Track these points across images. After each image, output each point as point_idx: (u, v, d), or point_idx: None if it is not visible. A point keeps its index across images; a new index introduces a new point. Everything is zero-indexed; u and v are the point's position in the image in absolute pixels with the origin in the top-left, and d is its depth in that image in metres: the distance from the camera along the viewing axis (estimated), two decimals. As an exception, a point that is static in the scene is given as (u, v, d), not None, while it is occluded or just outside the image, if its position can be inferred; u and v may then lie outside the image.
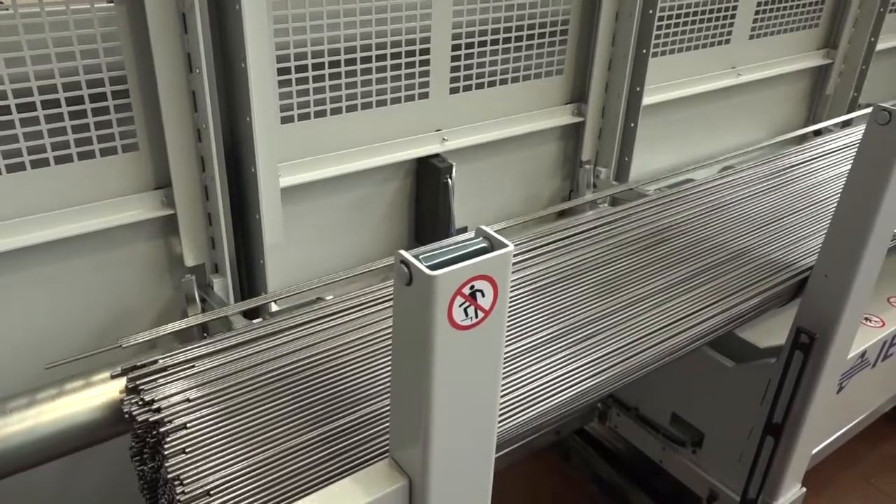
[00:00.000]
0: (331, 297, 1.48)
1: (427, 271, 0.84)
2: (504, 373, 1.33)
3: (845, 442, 2.33)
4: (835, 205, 1.59)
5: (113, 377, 1.19)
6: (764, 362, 1.86)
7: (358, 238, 1.83)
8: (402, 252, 0.88)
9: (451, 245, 0.93)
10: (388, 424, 1.14)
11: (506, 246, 0.91)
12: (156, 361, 1.19)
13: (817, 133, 2.92)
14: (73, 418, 1.19)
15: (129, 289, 1.53)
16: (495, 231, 0.92)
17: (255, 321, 1.37)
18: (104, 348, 1.31)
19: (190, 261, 1.52)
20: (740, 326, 1.67)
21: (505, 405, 1.27)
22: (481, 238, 0.94)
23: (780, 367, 1.77)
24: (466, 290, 0.88)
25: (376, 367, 1.26)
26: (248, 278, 1.62)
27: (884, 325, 2.20)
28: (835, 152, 2.31)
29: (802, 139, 2.94)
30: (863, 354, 2.11)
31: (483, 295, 0.90)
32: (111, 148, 1.40)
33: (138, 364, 1.18)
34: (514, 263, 1.59)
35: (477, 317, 0.91)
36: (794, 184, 2.08)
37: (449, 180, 1.79)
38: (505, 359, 1.36)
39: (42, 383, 1.25)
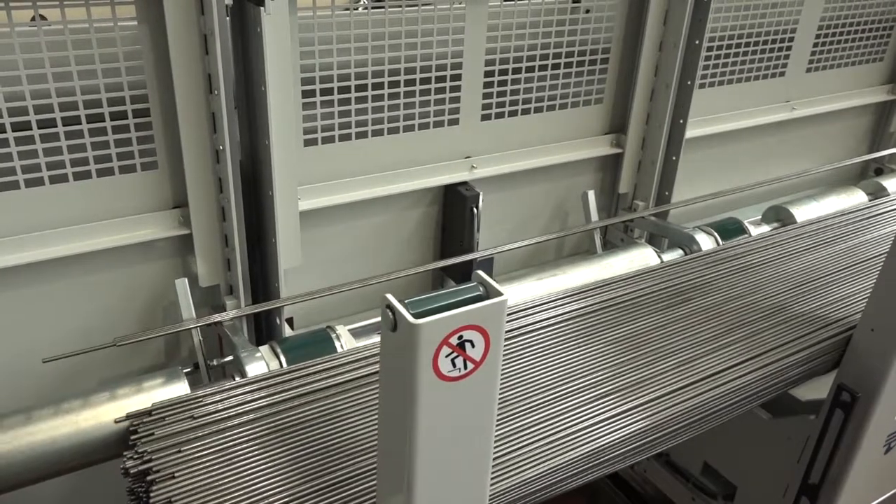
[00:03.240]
0: (341, 326, 1.44)
1: (411, 319, 0.80)
2: (518, 426, 1.28)
3: (894, 505, 2.17)
4: None
5: (116, 422, 1.17)
6: (803, 418, 1.74)
7: (381, 265, 1.80)
8: (389, 296, 0.84)
9: (445, 291, 0.88)
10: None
11: (500, 295, 0.86)
12: (161, 417, 1.17)
13: (878, 172, 2.78)
14: (69, 438, 1.18)
15: (143, 307, 1.52)
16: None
17: (257, 373, 1.33)
18: (99, 346, 1.32)
19: (205, 281, 1.51)
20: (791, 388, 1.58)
21: (515, 459, 1.22)
22: (477, 284, 0.89)
23: (819, 425, 1.66)
24: (454, 340, 0.83)
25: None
26: (264, 301, 1.59)
27: (941, 382, 2.04)
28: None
29: (862, 177, 2.80)
30: (915, 414, 1.96)
31: (473, 346, 0.85)
32: (130, 166, 1.39)
33: (140, 414, 1.16)
34: (544, 311, 1.56)
35: (466, 368, 0.86)
36: (848, 239, 1.95)
37: (475, 209, 1.74)
38: (520, 410, 1.32)
39: (54, 397, 1.24)
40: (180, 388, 1.26)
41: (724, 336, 1.58)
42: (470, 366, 0.86)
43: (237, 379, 1.32)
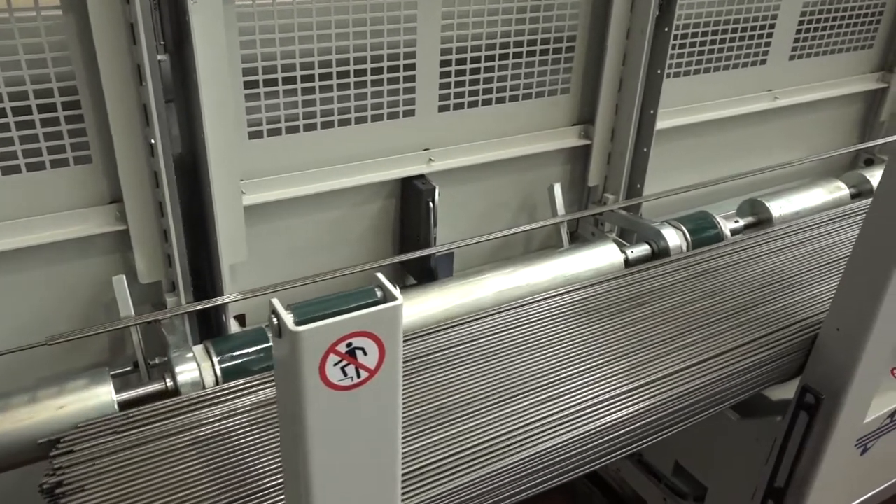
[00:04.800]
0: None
1: (291, 326, 0.75)
2: (461, 429, 1.25)
3: (873, 507, 2.11)
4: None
5: (39, 444, 1.14)
6: (770, 419, 1.69)
7: (338, 260, 1.75)
8: (274, 301, 0.79)
9: (340, 294, 0.84)
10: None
11: (395, 299, 0.81)
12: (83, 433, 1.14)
13: (868, 162, 2.70)
14: (-15, 442, 1.14)
15: (83, 304, 1.48)
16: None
17: (185, 375, 1.30)
18: (30, 345, 1.30)
19: (145, 278, 1.47)
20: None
21: (460, 461, 1.19)
22: (374, 288, 0.84)
23: (784, 427, 1.60)
24: (342, 348, 0.78)
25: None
26: (211, 297, 1.55)
27: (922, 381, 1.97)
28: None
29: (853, 167, 2.73)
30: (892, 414, 1.89)
31: (365, 353, 0.80)
32: (62, 160, 1.35)
33: (64, 438, 1.14)
34: (502, 316, 1.52)
35: (359, 376, 0.81)
36: (821, 240, 1.88)
37: (431, 204, 1.69)
38: (474, 411, 1.28)
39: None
40: (104, 391, 1.22)
41: (685, 336, 1.53)
42: (364, 374, 0.81)
43: (168, 381, 1.29)
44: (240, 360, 1.34)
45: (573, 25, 1.83)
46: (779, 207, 2.03)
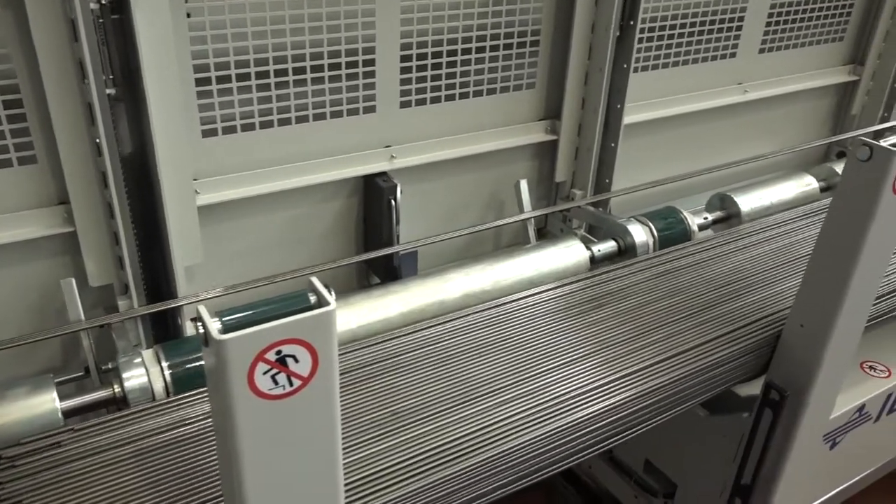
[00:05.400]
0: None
1: (215, 334, 0.72)
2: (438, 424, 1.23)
3: (844, 500, 2.11)
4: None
5: None
6: (737, 416, 1.67)
7: (300, 260, 1.72)
8: (200, 308, 0.76)
9: (274, 300, 0.81)
10: None
11: (328, 305, 0.78)
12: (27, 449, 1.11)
13: (840, 155, 2.69)
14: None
15: (34, 307, 1.44)
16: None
17: (132, 381, 1.27)
18: None
19: (95, 281, 1.43)
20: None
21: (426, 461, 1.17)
22: (308, 293, 0.81)
23: (750, 424, 1.59)
24: (271, 356, 0.75)
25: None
26: (167, 300, 1.51)
27: (891, 374, 1.97)
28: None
29: (825, 160, 2.72)
30: (861, 408, 1.88)
31: (297, 361, 0.77)
32: (5, 160, 1.31)
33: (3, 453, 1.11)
34: (476, 315, 1.50)
35: (291, 385, 0.78)
36: (789, 237, 1.87)
37: (393, 201, 1.65)
38: (450, 408, 1.26)
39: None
40: (47, 399, 1.18)
41: (651, 334, 1.52)
42: (297, 382, 0.78)
43: (115, 387, 1.26)
44: (191, 365, 1.30)
45: (537, 19, 1.80)
46: (748, 202, 2.02)
